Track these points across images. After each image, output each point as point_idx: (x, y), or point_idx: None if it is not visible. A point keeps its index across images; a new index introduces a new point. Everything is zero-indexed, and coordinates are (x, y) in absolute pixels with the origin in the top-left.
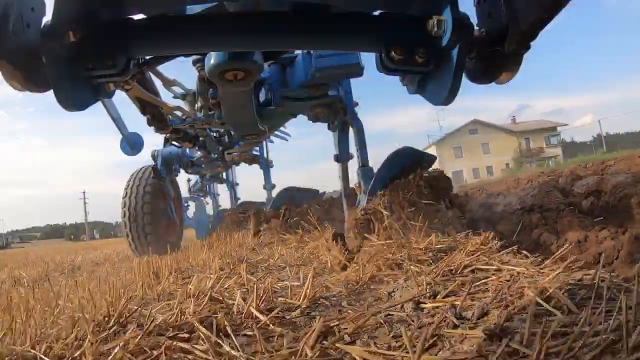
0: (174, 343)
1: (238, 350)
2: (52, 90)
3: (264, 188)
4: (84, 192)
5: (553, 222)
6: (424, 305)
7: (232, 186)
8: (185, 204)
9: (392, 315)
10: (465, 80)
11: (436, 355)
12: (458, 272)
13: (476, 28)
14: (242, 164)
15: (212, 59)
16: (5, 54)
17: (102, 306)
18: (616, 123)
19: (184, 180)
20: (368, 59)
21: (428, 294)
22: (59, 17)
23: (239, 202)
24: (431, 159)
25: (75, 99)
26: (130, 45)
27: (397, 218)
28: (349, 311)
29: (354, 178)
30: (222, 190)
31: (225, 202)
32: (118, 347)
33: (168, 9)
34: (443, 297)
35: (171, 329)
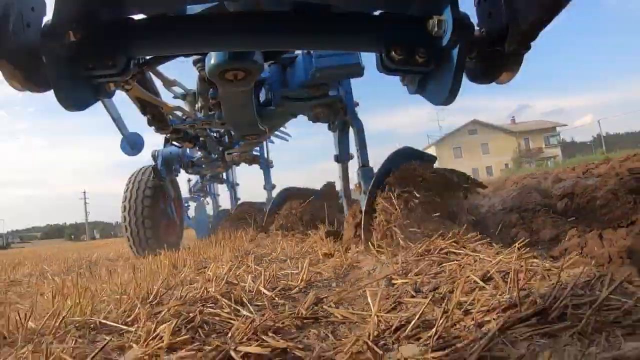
0: (205, 309)
1: (253, 313)
2: (52, 90)
3: (264, 188)
4: (84, 192)
5: (529, 222)
6: (395, 282)
7: (233, 186)
8: (186, 204)
9: (368, 290)
10: (465, 80)
11: (396, 314)
12: (434, 253)
13: (476, 28)
14: (242, 164)
15: (212, 59)
16: (6, 54)
17: (143, 287)
18: (616, 123)
19: (184, 180)
20: (368, 59)
21: (401, 272)
22: (59, 16)
23: (239, 202)
24: (431, 159)
25: (75, 98)
26: (131, 45)
27: (425, 189)
28: (336, 289)
29: (354, 178)
30: (222, 190)
31: (225, 202)
32: (165, 311)
33: (168, 9)
34: (413, 275)
35: (200, 301)
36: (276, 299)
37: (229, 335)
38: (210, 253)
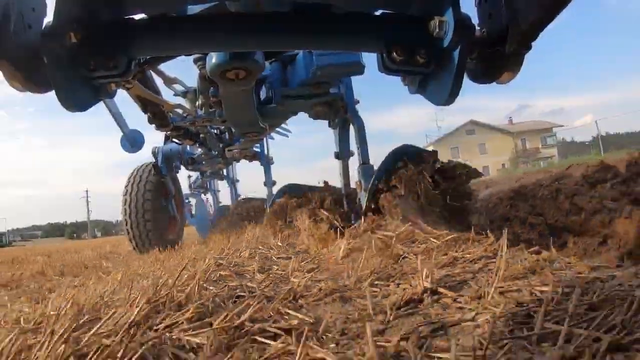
0: (254, 250)
1: (276, 251)
2: (53, 91)
3: (265, 185)
4: (86, 191)
5: None
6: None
7: (233, 182)
8: (186, 200)
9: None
10: (466, 80)
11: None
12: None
13: (477, 28)
14: (243, 161)
15: (213, 58)
16: (6, 54)
17: (216, 248)
18: (616, 123)
19: (185, 176)
20: (368, 57)
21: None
22: (59, 17)
23: (240, 198)
24: (431, 156)
25: (76, 99)
26: (132, 46)
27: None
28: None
29: (354, 176)
30: (222, 186)
31: (225, 198)
32: (241, 248)
33: (169, 9)
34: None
35: (252, 248)
36: (286, 247)
37: (270, 254)
38: (240, 234)
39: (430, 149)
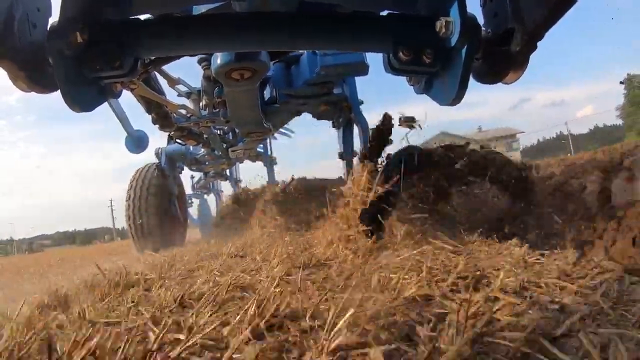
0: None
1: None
2: (59, 91)
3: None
4: (110, 200)
5: None
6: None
7: (236, 182)
8: (190, 201)
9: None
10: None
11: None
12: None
13: (482, 28)
14: (246, 161)
15: (218, 58)
16: (10, 54)
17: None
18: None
19: (188, 177)
20: (372, 57)
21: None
22: (65, 17)
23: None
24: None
25: (82, 99)
26: (138, 46)
27: None
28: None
29: None
30: (225, 187)
31: None
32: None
33: (175, 9)
34: None
35: None
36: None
37: None
38: None
39: None
